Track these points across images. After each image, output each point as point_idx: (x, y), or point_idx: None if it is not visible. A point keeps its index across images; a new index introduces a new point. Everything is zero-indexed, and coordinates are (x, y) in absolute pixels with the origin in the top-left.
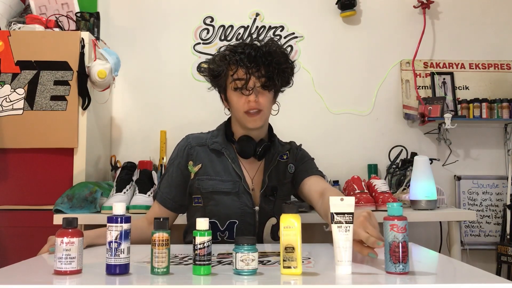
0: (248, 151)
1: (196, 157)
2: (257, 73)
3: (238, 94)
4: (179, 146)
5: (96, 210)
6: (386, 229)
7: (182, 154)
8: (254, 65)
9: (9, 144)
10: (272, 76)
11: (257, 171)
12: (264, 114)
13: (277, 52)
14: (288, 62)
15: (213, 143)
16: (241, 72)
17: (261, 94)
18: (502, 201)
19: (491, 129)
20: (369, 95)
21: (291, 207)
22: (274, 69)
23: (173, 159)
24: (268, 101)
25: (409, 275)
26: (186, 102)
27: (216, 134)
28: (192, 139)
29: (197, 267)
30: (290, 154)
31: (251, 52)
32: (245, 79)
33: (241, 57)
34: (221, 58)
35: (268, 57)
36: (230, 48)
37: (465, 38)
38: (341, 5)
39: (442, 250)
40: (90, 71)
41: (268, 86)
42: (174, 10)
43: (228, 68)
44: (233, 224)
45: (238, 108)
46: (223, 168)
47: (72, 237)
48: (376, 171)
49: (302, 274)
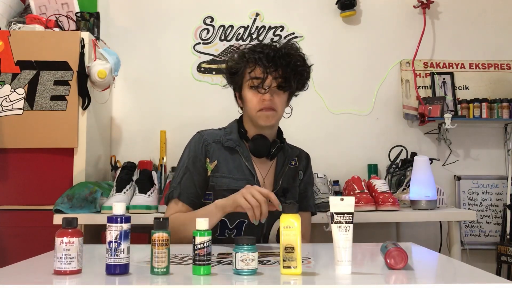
0: (263, 150)
1: (212, 154)
2: (275, 73)
3: (254, 92)
4: (195, 142)
5: (96, 210)
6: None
7: (201, 151)
8: (272, 64)
9: (9, 144)
10: (289, 77)
11: (268, 171)
12: (277, 114)
13: (296, 55)
14: (305, 66)
15: (227, 140)
16: (258, 70)
17: (276, 94)
18: (502, 201)
19: (491, 129)
20: (369, 95)
21: (291, 207)
22: (291, 70)
23: (192, 156)
24: (282, 102)
25: (409, 275)
26: (186, 102)
27: (229, 131)
28: (208, 136)
29: (197, 267)
30: (299, 161)
31: (270, 53)
32: (262, 78)
33: (259, 56)
34: (240, 56)
35: (287, 58)
36: (250, 47)
37: (465, 38)
38: (341, 5)
39: (442, 250)
40: (90, 71)
41: (284, 87)
42: (174, 10)
43: (246, 66)
44: (242, 223)
45: (252, 106)
46: (237, 166)
47: (72, 237)
48: (376, 171)
49: (302, 274)
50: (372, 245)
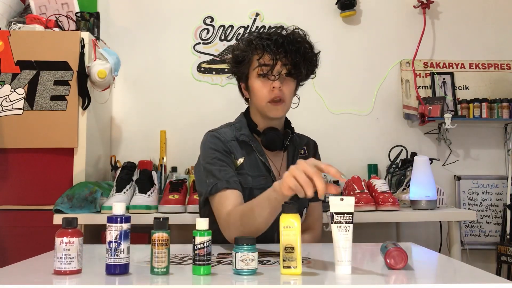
0: (277, 142)
1: (235, 151)
2: (284, 59)
3: (262, 81)
4: (213, 141)
5: (96, 210)
6: None
7: (225, 147)
8: (282, 50)
9: (9, 144)
10: (298, 64)
11: (281, 164)
12: (286, 105)
13: (304, 41)
14: (313, 52)
15: (240, 135)
16: (267, 57)
17: (285, 82)
18: (502, 201)
19: (491, 129)
20: (369, 95)
21: (290, 207)
22: (301, 56)
23: (219, 151)
24: (291, 91)
25: (409, 275)
26: (186, 102)
27: (239, 126)
28: (224, 134)
29: (197, 267)
30: (308, 149)
31: (278, 39)
32: (271, 65)
33: (267, 43)
34: (247, 43)
35: (296, 44)
36: (256, 35)
37: (465, 38)
38: (341, 5)
39: (442, 250)
40: (90, 71)
41: (294, 73)
42: (174, 10)
43: (254, 53)
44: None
45: (261, 96)
46: (253, 162)
47: (72, 237)
48: (376, 171)
49: (302, 274)
50: (372, 245)
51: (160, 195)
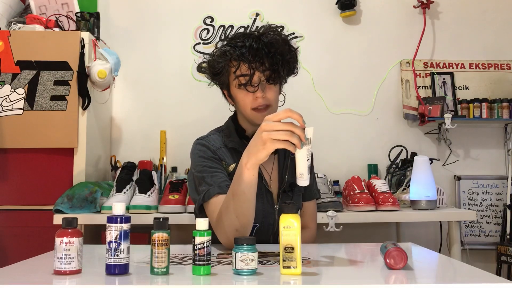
0: None
1: (224, 158)
2: (261, 67)
3: (244, 91)
4: (203, 149)
5: (96, 210)
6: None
7: (214, 155)
8: (258, 58)
9: (9, 144)
10: (277, 69)
11: (272, 167)
12: (273, 109)
13: (279, 41)
14: (291, 51)
15: (229, 142)
16: (244, 67)
17: (267, 88)
18: (502, 201)
19: (491, 129)
20: (369, 95)
21: (290, 207)
22: (278, 60)
23: (208, 159)
24: (275, 95)
25: (409, 275)
26: (186, 102)
27: (227, 133)
28: (212, 141)
29: (197, 267)
30: None
31: (252, 45)
32: (249, 75)
33: (242, 52)
34: (221, 54)
35: (271, 48)
36: (229, 43)
37: (465, 38)
38: (341, 5)
39: (442, 250)
40: (90, 71)
41: (274, 79)
42: (174, 10)
43: (229, 65)
44: (254, 227)
45: (245, 106)
46: None
47: (71, 237)
48: (376, 171)
49: (301, 274)
50: (372, 245)
51: (160, 195)
